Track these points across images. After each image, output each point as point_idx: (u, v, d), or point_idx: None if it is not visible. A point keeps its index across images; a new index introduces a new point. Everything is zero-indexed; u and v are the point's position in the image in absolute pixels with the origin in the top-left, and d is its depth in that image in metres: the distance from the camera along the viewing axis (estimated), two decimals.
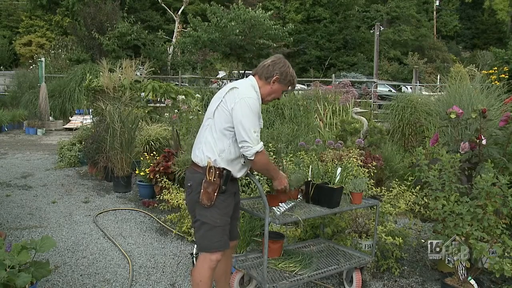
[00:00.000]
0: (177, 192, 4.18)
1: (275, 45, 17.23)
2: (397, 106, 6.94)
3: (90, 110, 7.52)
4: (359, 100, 9.86)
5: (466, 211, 2.69)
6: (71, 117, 12.68)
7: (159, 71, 16.89)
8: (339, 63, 29.82)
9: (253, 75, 2.46)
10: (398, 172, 5.01)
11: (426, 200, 3.37)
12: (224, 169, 2.30)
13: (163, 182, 4.39)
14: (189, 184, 2.39)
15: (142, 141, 6.29)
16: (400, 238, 3.22)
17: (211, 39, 16.38)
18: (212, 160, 2.30)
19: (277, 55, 2.51)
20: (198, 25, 17.31)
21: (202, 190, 2.29)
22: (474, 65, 8.51)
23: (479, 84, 5.32)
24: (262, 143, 2.29)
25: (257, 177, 3.46)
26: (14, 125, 12.18)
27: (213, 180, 2.28)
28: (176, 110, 6.87)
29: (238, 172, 2.39)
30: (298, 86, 18.31)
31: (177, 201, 3.99)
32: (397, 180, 4.03)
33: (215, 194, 2.28)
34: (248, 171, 2.52)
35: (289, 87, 2.50)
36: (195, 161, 2.37)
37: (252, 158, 2.26)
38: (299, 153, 4.09)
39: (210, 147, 2.32)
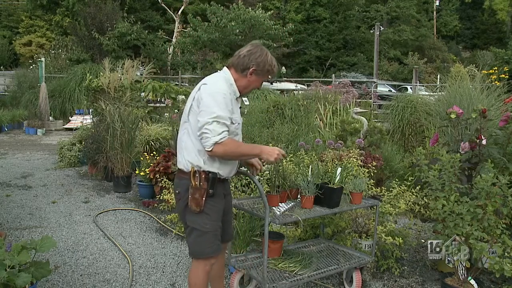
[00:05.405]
0: None
1: (275, 45, 17.24)
2: (397, 106, 6.94)
3: (90, 110, 7.52)
4: (359, 100, 9.87)
5: (466, 211, 2.68)
6: (71, 117, 12.68)
7: (159, 71, 16.89)
8: (339, 63, 29.77)
9: (228, 67, 2.30)
10: (398, 172, 5.01)
11: (426, 200, 3.38)
12: (209, 172, 2.20)
13: (163, 182, 4.39)
14: (177, 191, 2.32)
15: (142, 141, 6.29)
16: (400, 238, 3.22)
17: (211, 39, 16.40)
18: (195, 164, 2.21)
19: (253, 43, 2.33)
20: (198, 25, 17.33)
21: (189, 197, 2.20)
22: (474, 65, 8.51)
23: (479, 84, 5.32)
24: (225, 134, 2.12)
25: (257, 177, 3.46)
26: (14, 125, 12.18)
27: (199, 185, 2.18)
28: (176, 110, 6.88)
29: (224, 172, 2.27)
30: (298, 86, 18.32)
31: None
32: (397, 180, 4.03)
33: (203, 199, 2.19)
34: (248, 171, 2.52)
35: (269, 76, 2.31)
36: (180, 168, 2.30)
37: (211, 150, 2.10)
38: (299, 153, 4.08)
39: (191, 152, 2.23)
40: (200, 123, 2.12)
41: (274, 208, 2.64)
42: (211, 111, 2.10)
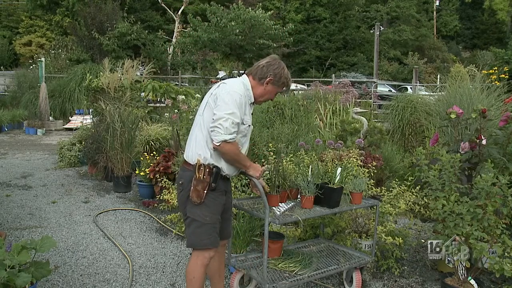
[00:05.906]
0: None
1: (275, 45, 17.22)
2: (397, 106, 6.94)
3: (90, 110, 7.52)
4: (359, 100, 9.87)
5: (466, 211, 2.68)
6: (71, 117, 12.68)
7: (159, 71, 16.89)
8: (339, 63, 29.79)
9: (247, 75, 2.47)
10: (398, 172, 5.01)
11: (426, 200, 3.38)
12: (214, 166, 2.31)
13: (163, 182, 4.39)
14: (180, 182, 2.42)
15: (142, 141, 6.29)
16: (400, 238, 3.22)
17: (211, 39, 16.37)
18: (202, 157, 2.31)
19: (272, 56, 2.53)
20: (198, 25, 17.30)
21: (192, 188, 2.31)
22: (474, 65, 8.50)
23: (479, 84, 5.32)
24: (235, 135, 2.26)
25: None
26: (14, 125, 12.18)
27: (203, 177, 2.29)
28: (176, 110, 6.86)
29: (228, 170, 2.38)
30: (298, 86, 18.35)
31: (177, 201, 3.99)
32: (397, 180, 4.03)
33: (205, 191, 2.30)
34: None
35: (283, 89, 2.50)
36: (186, 159, 2.40)
37: (218, 144, 2.22)
38: (299, 153, 4.08)
39: (200, 145, 2.34)
40: (216, 116, 2.23)
41: (274, 208, 2.64)
42: (227, 108, 2.24)
